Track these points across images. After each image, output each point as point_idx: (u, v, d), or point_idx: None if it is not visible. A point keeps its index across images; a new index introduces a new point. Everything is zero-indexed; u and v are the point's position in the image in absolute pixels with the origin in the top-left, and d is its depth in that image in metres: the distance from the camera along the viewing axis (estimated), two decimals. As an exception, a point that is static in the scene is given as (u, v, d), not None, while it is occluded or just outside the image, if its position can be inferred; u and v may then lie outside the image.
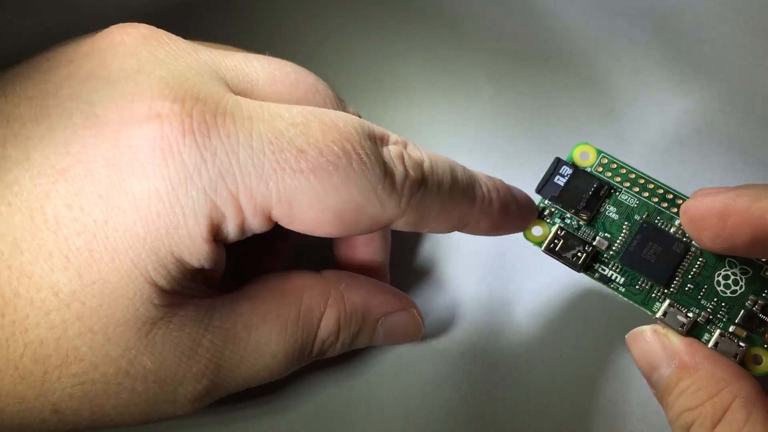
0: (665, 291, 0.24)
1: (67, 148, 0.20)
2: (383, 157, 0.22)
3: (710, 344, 0.23)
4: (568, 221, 0.25)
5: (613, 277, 0.25)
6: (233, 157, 0.20)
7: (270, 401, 0.28)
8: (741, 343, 0.23)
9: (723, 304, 0.24)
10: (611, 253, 0.25)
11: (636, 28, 0.34)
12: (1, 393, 0.20)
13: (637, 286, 0.24)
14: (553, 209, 0.26)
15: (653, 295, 0.24)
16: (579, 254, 0.25)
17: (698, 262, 0.24)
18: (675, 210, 0.25)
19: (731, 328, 0.24)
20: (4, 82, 0.22)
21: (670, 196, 0.25)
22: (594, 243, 0.25)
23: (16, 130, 0.20)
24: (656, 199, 0.25)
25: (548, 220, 0.26)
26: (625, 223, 0.25)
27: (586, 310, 0.29)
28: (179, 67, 0.21)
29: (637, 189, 0.25)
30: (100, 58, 0.21)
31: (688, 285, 0.24)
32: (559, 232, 0.25)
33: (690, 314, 0.24)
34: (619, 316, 0.29)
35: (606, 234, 0.25)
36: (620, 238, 0.25)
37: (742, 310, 0.24)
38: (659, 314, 0.24)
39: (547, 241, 0.25)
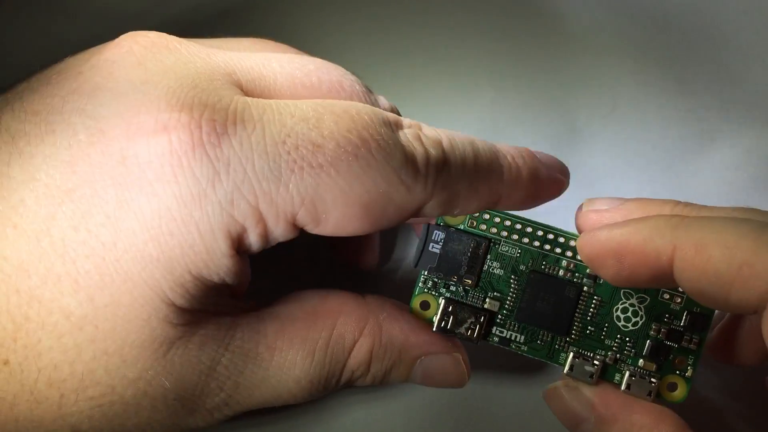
0: (567, 339, 0.23)
1: (72, 167, 0.19)
2: (401, 141, 0.20)
3: (622, 387, 0.22)
4: (453, 288, 0.23)
5: (512, 338, 0.23)
6: (248, 165, 0.19)
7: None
8: (652, 380, 0.22)
9: (627, 339, 0.23)
10: (505, 312, 0.23)
11: (638, 27, 0.33)
12: (19, 418, 0.20)
13: (539, 341, 0.23)
14: (435, 280, 0.24)
15: (556, 346, 0.23)
16: (472, 327, 0.23)
17: (594, 302, 0.23)
18: (559, 250, 0.23)
19: (640, 362, 0.23)
20: (13, 96, 0.21)
21: (552, 236, 0.23)
22: (485, 305, 0.23)
23: (21, 148, 0.20)
24: (538, 243, 0.23)
25: (434, 293, 0.24)
26: (512, 276, 0.23)
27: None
28: (189, 74, 0.20)
29: (516, 236, 0.23)
30: (107, 70, 0.20)
31: (589, 327, 0.23)
32: (447, 307, 0.23)
33: (597, 359, 0.23)
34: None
35: (495, 293, 0.23)
36: (510, 294, 0.23)
37: (648, 341, 0.23)
38: (566, 370, 0.23)
39: (437, 321, 0.23)
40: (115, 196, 0.19)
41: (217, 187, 0.19)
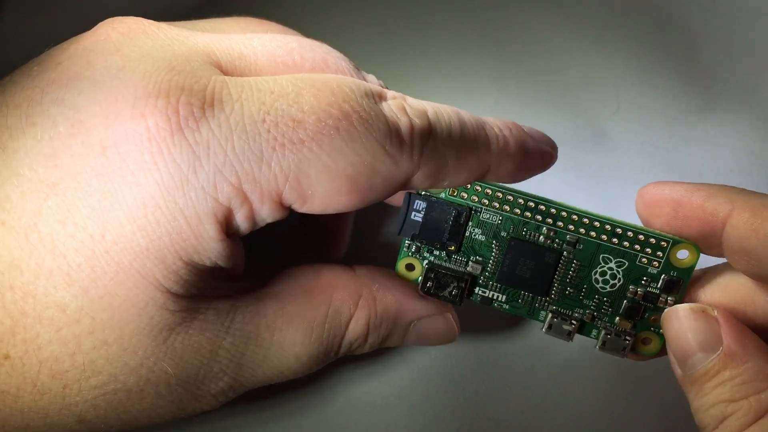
0: (547, 299, 0.24)
1: (55, 161, 0.19)
2: (384, 112, 0.20)
3: (597, 345, 0.24)
4: (437, 253, 0.24)
5: (494, 297, 0.24)
6: (228, 147, 0.19)
7: (272, 399, 0.29)
8: (627, 338, 0.23)
9: (605, 299, 0.23)
10: (487, 274, 0.24)
11: (642, 26, 0.33)
12: (23, 410, 0.20)
13: (519, 300, 0.24)
14: (418, 245, 0.24)
15: (537, 305, 0.24)
16: (454, 291, 0.24)
17: (573, 266, 0.23)
18: (539, 217, 0.23)
19: (616, 320, 0.24)
20: None
21: (532, 205, 0.23)
22: (468, 269, 0.24)
23: (4, 143, 0.20)
24: (518, 211, 0.23)
25: (417, 256, 0.24)
26: (494, 242, 0.24)
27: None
28: (166, 57, 0.20)
29: (496, 204, 0.23)
30: (85, 58, 0.20)
31: (568, 289, 0.24)
32: (429, 272, 0.24)
33: (575, 318, 0.24)
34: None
35: (477, 257, 0.24)
36: (492, 258, 0.24)
37: (624, 301, 0.23)
38: (544, 328, 0.24)
39: (420, 284, 0.24)
40: (99, 188, 0.19)
41: (198, 172, 0.19)
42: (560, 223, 0.23)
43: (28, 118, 0.20)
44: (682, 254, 0.23)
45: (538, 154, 0.23)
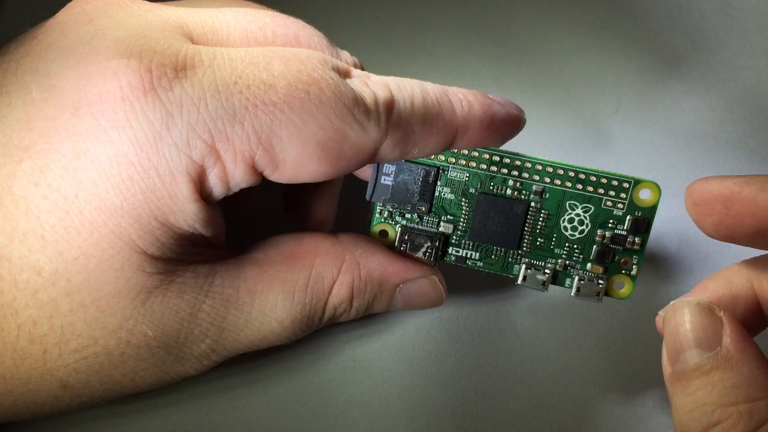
0: (520, 252, 0.24)
1: (28, 125, 0.19)
2: (350, 85, 0.21)
3: (573, 291, 0.24)
4: (408, 216, 0.25)
5: (468, 255, 0.25)
6: (201, 105, 0.19)
7: (271, 395, 0.28)
8: (600, 281, 0.24)
9: (575, 246, 0.24)
10: (459, 233, 0.25)
11: (642, 26, 0.33)
12: (6, 376, 0.20)
13: (492, 256, 0.25)
14: (390, 210, 0.25)
15: (510, 259, 0.24)
16: (429, 251, 0.24)
17: (542, 215, 0.24)
18: (505, 171, 0.24)
19: (588, 266, 0.24)
20: None
21: (497, 158, 0.24)
22: (440, 229, 0.24)
23: None
24: (484, 166, 0.24)
25: (390, 222, 0.25)
26: (463, 199, 0.24)
27: (591, 310, 0.29)
28: (138, 25, 0.20)
29: (463, 162, 0.24)
30: (59, 30, 0.20)
31: (539, 239, 0.24)
32: (403, 234, 0.24)
33: (548, 267, 0.24)
34: (623, 316, 0.29)
35: (448, 216, 0.24)
36: (462, 215, 0.24)
37: (595, 246, 0.24)
38: (519, 281, 0.24)
39: (396, 246, 0.25)
40: (71, 148, 0.19)
41: (171, 129, 0.19)
42: (525, 174, 0.24)
43: (2, 89, 0.20)
44: (645, 194, 0.23)
45: (505, 116, 0.24)
